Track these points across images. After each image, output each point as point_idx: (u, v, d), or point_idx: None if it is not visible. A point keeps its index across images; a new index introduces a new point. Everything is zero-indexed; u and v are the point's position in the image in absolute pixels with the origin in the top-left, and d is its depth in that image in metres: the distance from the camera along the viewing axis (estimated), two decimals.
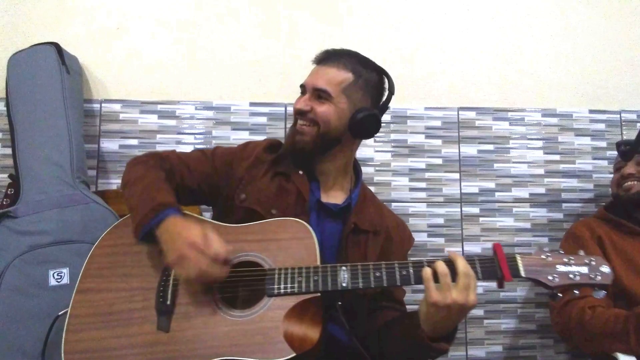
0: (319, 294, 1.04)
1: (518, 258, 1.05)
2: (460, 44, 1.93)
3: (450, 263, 1.02)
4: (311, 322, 1.03)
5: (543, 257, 1.06)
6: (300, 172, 1.27)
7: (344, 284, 1.04)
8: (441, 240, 1.83)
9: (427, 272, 1.01)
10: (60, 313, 1.27)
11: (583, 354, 1.58)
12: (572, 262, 1.05)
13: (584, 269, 1.04)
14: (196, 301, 1.07)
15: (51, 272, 1.44)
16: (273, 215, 1.18)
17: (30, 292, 1.41)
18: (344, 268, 1.05)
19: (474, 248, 1.83)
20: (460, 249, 1.83)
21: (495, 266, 1.04)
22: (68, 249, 1.45)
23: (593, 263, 1.04)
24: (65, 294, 1.27)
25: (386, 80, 1.31)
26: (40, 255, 1.44)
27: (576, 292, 1.06)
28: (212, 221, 1.20)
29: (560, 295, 1.04)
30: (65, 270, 1.44)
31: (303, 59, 1.84)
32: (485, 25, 1.95)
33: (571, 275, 1.03)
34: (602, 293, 1.03)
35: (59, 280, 1.43)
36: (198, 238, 1.02)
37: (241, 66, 1.84)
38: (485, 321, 1.80)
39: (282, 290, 1.04)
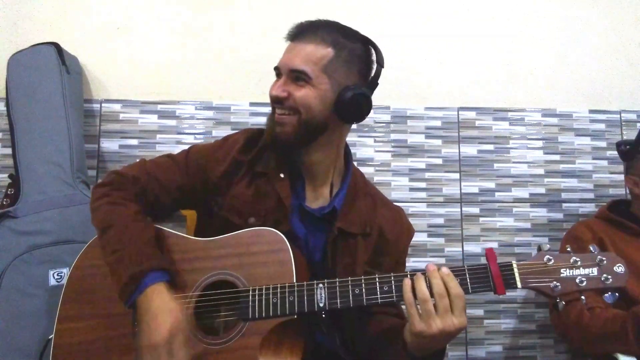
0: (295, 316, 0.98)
1: (514, 266, 0.94)
2: (460, 44, 1.93)
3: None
4: (290, 348, 0.99)
5: (544, 260, 0.94)
6: (282, 175, 1.14)
7: (321, 304, 0.97)
8: (441, 240, 1.83)
9: (408, 295, 0.93)
10: (50, 337, 1.24)
11: (583, 354, 1.58)
12: (580, 263, 0.92)
13: (594, 271, 0.91)
14: None
15: (51, 272, 1.44)
16: (251, 224, 1.10)
17: (30, 292, 1.42)
18: (320, 285, 0.98)
19: (474, 248, 1.83)
20: (460, 249, 1.83)
21: (488, 277, 0.94)
22: (68, 249, 1.45)
23: (604, 262, 0.92)
24: None
25: (373, 52, 1.14)
26: (40, 255, 1.45)
27: (583, 297, 0.94)
28: (184, 235, 1.12)
29: (564, 303, 0.93)
30: (65, 270, 1.44)
31: None
32: (486, 25, 1.95)
33: (577, 281, 0.91)
34: (614, 296, 0.91)
35: (59, 280, 1.43)
36: (161, 343, 0.93)
37: (241, 66, 1.84)
38: (485, 321, 1.80)
39: (256, 315, 0.98)
